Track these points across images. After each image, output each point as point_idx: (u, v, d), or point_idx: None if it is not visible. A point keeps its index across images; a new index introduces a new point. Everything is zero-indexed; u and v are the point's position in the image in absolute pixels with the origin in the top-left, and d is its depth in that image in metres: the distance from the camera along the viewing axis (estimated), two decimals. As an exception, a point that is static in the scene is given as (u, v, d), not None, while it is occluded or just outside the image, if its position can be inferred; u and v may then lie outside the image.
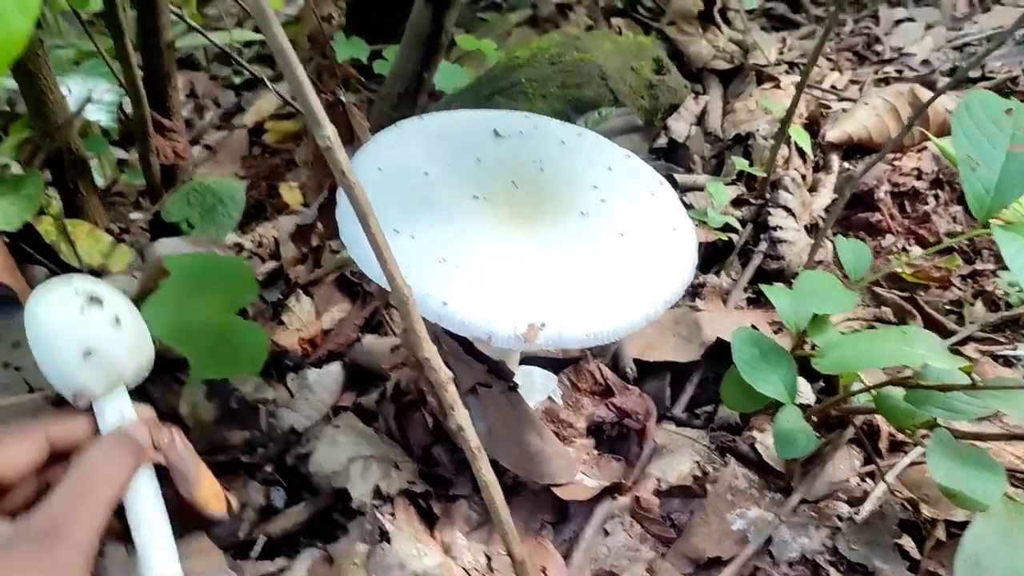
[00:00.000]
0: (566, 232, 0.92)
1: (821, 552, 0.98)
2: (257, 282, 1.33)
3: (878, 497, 1.02)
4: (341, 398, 1.26)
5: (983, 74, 2.10)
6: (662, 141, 1.72)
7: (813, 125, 1.75)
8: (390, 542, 0.95)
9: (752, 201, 1.49)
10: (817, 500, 1.04)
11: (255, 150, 2.44)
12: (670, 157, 1.68)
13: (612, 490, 1.04)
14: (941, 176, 1.65)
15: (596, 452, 1.12)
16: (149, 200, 1.50)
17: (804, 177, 1.60)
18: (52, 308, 0.69)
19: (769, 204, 1.46)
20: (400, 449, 1.10)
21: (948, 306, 1.39)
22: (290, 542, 1.05)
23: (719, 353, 1.21)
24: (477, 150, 1.02)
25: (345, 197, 0.92)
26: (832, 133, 1.73)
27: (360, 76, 2.19)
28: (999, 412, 0.92)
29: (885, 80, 2.18)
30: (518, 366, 1.14)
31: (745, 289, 1.38)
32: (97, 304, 0.70)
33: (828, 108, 1.88)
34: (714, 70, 2.07)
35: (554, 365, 1.22)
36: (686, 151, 1.69)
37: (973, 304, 1.38)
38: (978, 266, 1.47)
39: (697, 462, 1.10)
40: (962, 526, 0.99)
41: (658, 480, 1.07)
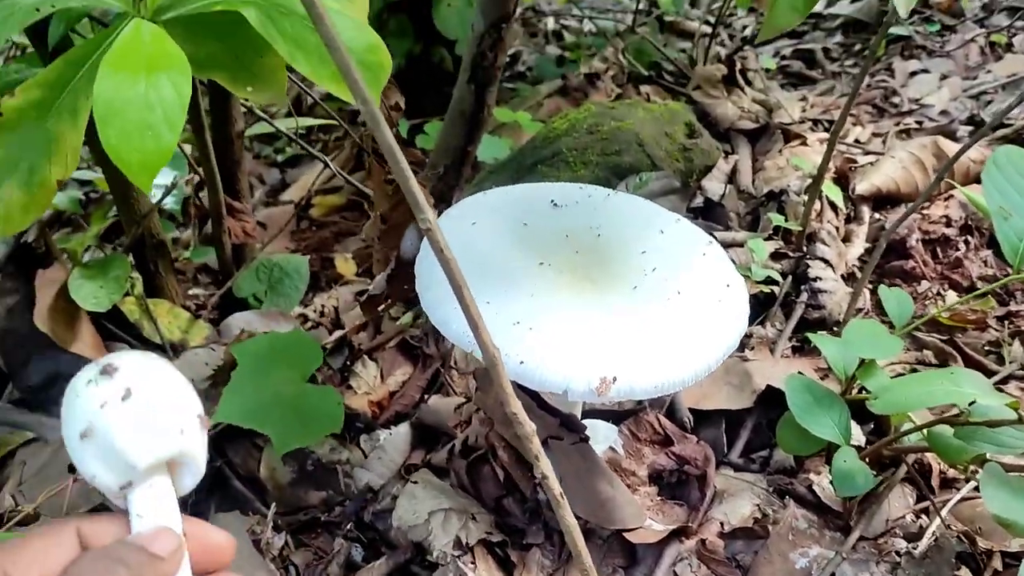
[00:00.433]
0: (627, 292, 1.00)
1: (884, 586, 1.03)
2: (324, 350, 1.42)
3: (934, 532, 1.07)
4: (410, 456, 1.33)
5: (1000, 122, 2.17)
6: (698, 201, 1.80)
7: (842, 179, 1.84)
8: (474, 589, 1.01)
9: (790, 254, 1.56)
10: (875, 537, 1.09)
11: (302, 224, 2.56)
12: (707, 216, 1.76)
13: (678, 533, 1.10)
14: (969, 222, 1.72)
15: (659, 498, 1.18)
16: (221, 276, 1.60)
17: (838, 229, 1.67)
18: (70, 386, 0.61)
19: (807, 256, 1.54)
20: (474, 501, 1.17)
21: (987, 347, 1.45)
22: (375, 596, 1.11)
23: (770, 400, 1.27)
24: (537, 220, 1.11)
25: (425, 269, 1.02)
26: (862, 186, 1.81)
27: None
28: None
29: (906, 132, 2.27)
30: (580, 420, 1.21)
31: (789, 338, 1.44)
32: (107, 376, 0.60)
33: (855, 162, 1.97)
34: (741, 130, 2.16)
35: (614, 417, 1.29)
36: (722, 209, 1.77)
37: (1011, 344, 1.44)
38: (1012, 307, 1.53)
39: (757, 505, 1.15)
40: (1018, 556, 1.05)
41: (721, 523, 1.13)
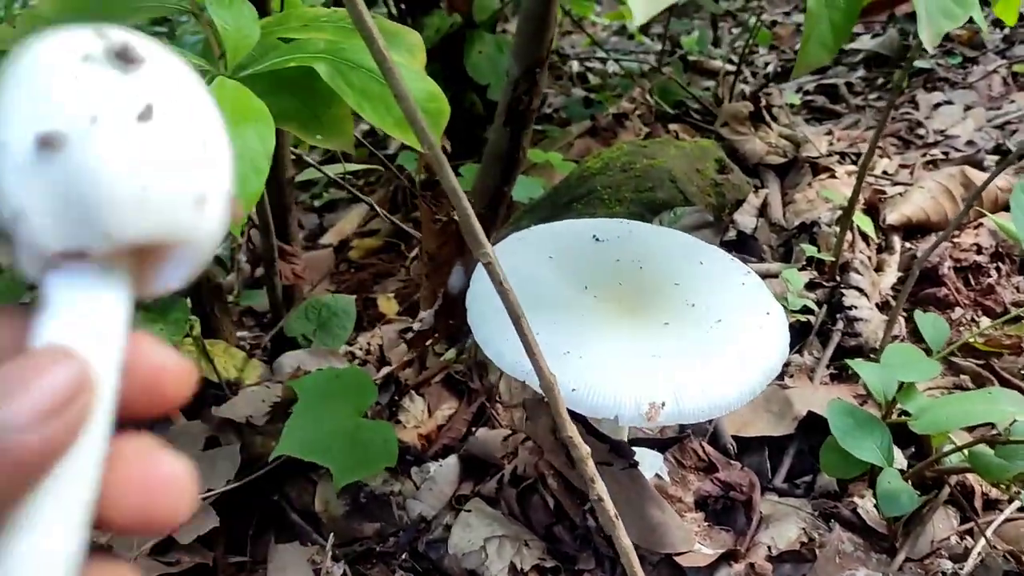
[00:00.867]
0: (671, 321, 1.04)
1: (932, 605, 1.05)
2: (376, 386, 1.47)
3: (979, 552, 1.09)
4: (460, 487, 1.37)
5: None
6: (731, 234, 1.85)
7: (872, 209, 1.87)
8: (530, 614, 1.04)
9: (824, 284, 1.60)
10: (921, 558, 1.11)
11: (341, 266, 2.63)
12: (741, 248, 1.80)
13: (728, 557, 1.12)
14: (1000, 249, 1.75)
15: (706, 524, 1.21)
16: (270, 317, 1.66)
17: (870, 259, 1.71)
18: (38, 49, 0.35)
19: (841, 286, 1.57)
20: (526, 529, 1.20)
21: (1023, 371, 1.47)
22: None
23: (811, 426, 1.30)
24: (581, 254, 1.16)
25: (477, 303, 1.07)
26: (892, 216, 1.85)
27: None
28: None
29: (933, 162, 2.30)
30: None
31: (827, 366, 1.47)
32: (120, 64, 0.35)
33: (884, 193, 2.00)
34: (769, 165, 2.21)
35: (657, 446, 1.32)
36: (755, 242, 1.81)
37: (1047, 367, 1.46)
38: (1047, 332, 1.55)
39: (803, 528, 1.17)
40: (1065, 574, 1.06)
41: (768, 547, 1.15)
